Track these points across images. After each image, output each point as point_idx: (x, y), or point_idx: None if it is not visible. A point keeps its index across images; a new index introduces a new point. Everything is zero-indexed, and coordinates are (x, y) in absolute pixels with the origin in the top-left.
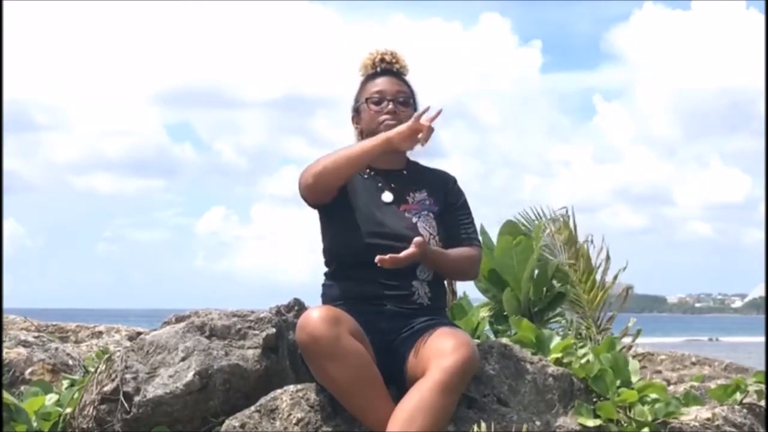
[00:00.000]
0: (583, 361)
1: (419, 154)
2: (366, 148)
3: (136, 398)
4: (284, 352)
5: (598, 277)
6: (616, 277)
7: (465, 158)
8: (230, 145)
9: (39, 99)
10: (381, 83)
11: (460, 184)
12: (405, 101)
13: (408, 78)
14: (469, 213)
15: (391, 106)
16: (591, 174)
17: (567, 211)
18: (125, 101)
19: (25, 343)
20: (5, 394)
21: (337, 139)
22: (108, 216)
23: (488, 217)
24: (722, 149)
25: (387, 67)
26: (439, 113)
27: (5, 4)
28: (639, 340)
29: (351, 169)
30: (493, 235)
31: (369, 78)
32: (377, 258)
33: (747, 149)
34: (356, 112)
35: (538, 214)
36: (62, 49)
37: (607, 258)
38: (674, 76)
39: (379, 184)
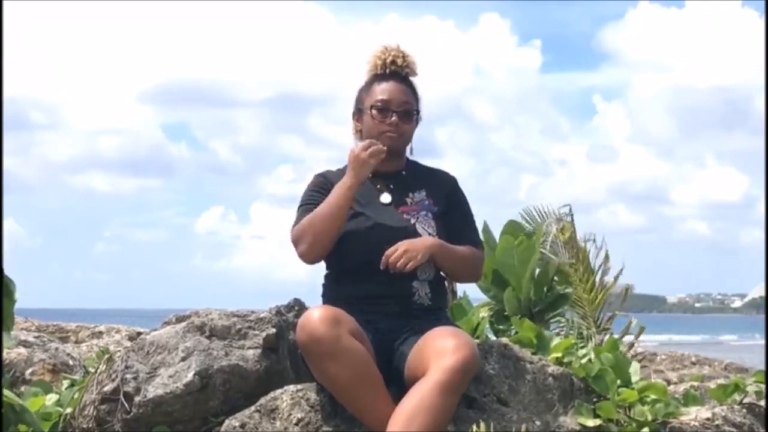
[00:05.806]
0: (583, 361)
1: (418, 155)
2: (336, 204)
3: (137, 398)
4: (284, 352)
5: (597, 277)
6: (617, 278)
7: (461, 157)
8: (226, 144)
9: (34, 97)
10: (388, 90)
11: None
12: (408, 112)
13: (415, 80)
14: (471, 215)
15: (394, 117)
16: (588, 173)
17: (569, 210)
18: (120, 100)
19: (25, 343)
20: (11, 396)
21: (333, 137)
22: (106, 215)
23: (485, 216)
24: (718, 148)
25: (396, 70)
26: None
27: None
28: (639, 340)
29: (335, 230)
30: (495, 235)
31: (376, 79)
32: (383, 262)
33: (743, 148)
34: (359, 111)
35: (542, 213)
36: (58, 47)
37: (606, 258)
38: (670, 75)
39: (378, 186)
